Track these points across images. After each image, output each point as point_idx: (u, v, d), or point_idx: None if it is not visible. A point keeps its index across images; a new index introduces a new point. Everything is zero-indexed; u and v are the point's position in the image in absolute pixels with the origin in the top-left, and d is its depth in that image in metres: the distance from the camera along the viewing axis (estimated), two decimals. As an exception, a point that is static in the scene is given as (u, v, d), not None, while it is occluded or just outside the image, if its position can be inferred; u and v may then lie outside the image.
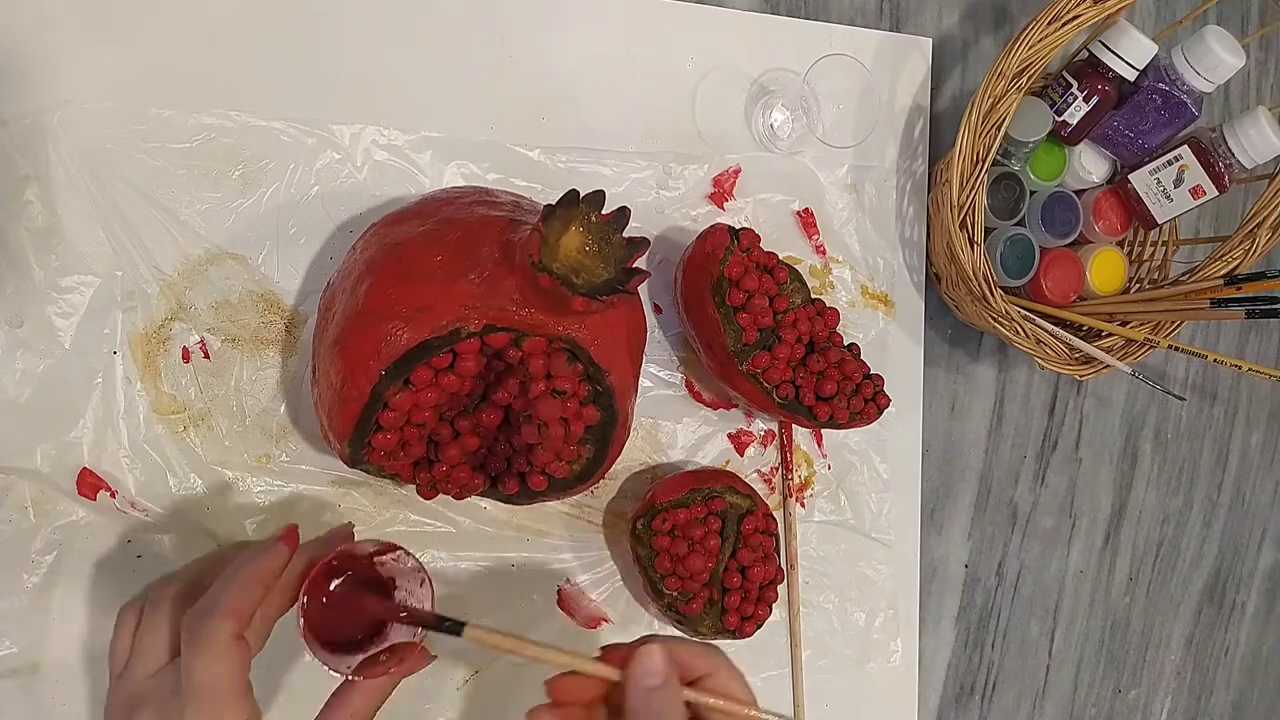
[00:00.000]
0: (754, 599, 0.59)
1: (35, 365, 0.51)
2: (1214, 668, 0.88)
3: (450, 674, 0.58)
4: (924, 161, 0.70)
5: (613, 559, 0.62)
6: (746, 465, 0.65)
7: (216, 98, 0.54)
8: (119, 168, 0.52)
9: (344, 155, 0.56)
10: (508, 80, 0.60)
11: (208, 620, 0.39)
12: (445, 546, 0.58)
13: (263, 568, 0.42)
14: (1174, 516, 0.84)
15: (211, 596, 0.41)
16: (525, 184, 0.60)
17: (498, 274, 0.47)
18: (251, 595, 0.41)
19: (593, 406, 0.50)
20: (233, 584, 0.41)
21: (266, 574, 0.42)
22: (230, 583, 0.41)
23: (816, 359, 0.59)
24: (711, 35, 0.64)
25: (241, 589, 0.41)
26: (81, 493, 0.51)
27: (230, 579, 0.41)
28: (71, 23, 0.52)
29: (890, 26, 0.70)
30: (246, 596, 0.40)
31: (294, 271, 0.56)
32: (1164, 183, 0.66)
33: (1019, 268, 0.67)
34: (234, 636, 0.39)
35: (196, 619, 0.39)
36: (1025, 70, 0.58)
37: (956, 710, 0.76)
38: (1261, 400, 0.87)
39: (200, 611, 0.40)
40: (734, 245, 0.56)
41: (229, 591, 0.40)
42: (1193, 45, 0.61)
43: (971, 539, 0.75)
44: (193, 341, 0.54)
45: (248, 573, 0.41)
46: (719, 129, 0.65)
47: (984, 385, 0.75)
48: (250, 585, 0.41)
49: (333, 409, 0.47)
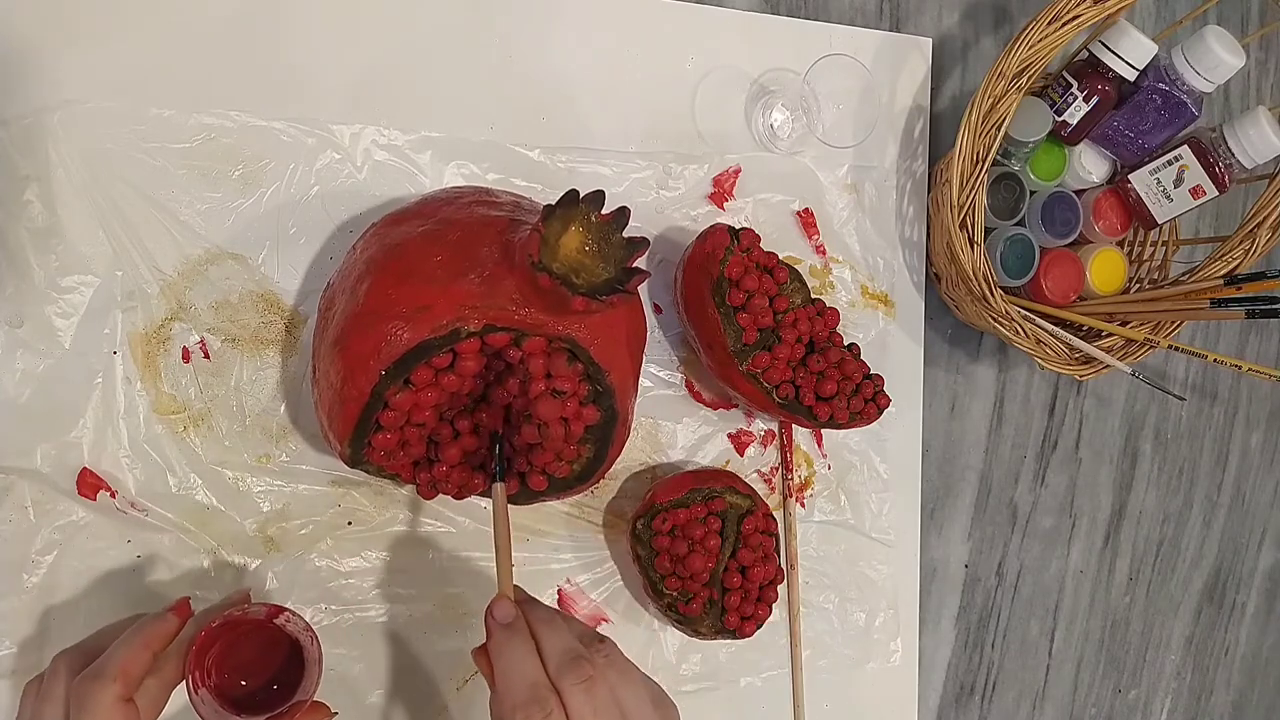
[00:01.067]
0: (754, 599, 0.59)
1: (35, 365, 0.51)
2: (1214, 668, 0.88)
3: (450, 674, 0.58)
4: (924, 161, 0.70)
5: (613, 559, 0.62)
6: (746, 465, 0.65)
7: (216, 98, 0.54)
8: (119, 168, 0.52)
9: (344, 155, 0.56)
10: (508, 80, 0.60)
11: (93, 684, 0.40)
12: (445, 546, 0.58)
13: (151, 633, 0.43)
14: (1174, 516, 0.84)
15: (99, 663, 0.41)
16: (525, 184, 0.60)
17: (498, 274, 0.47)
18: (139, 658, 0.42)
19: (593, 406, 0.50)
20: (120, 648, 0.42)
21: (155, 639, 0.43)
22: (118, 648, 0.42)
23: (816, 359, 0.59)
24: (711, 35, 0.64)
25: (127, 652, 0.41)
26: (81, 493, 0.51)
27: (119, 645, 0.42)
28: (71, 23, 0.52)
29: (890, 26, 0.70)
30: (133, 659, 0.41)
31: (294, 271, 0.56)
32: (1164, 183, 0.66)
33: (1019, 268, 0.67)
34: (120, 699, 0.40)
35: (84, 683, 0.40)
36: (1025, 70, 0.58)
37: (956, 710, 0.76)
38: (1261, 400, 0.87)
39: (87, 677, 0.40)
40: (734, 245, 0.56)
41: (116, 655, 0.41)
42: (1193, 45, 0.61)
43: (971, 539, 0.75)
44: (193, 341, 0.54)
45: (136, 638, 0.42)
46: (719, 129, 0.65)
47: (984, 385, 0.75)
48: (138, 649, 0.42)
49: (333, 409, 0.47)
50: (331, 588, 0.56)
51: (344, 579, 0.56)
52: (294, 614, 0.47)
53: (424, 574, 0.57)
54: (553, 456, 0.50)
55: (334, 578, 0.56)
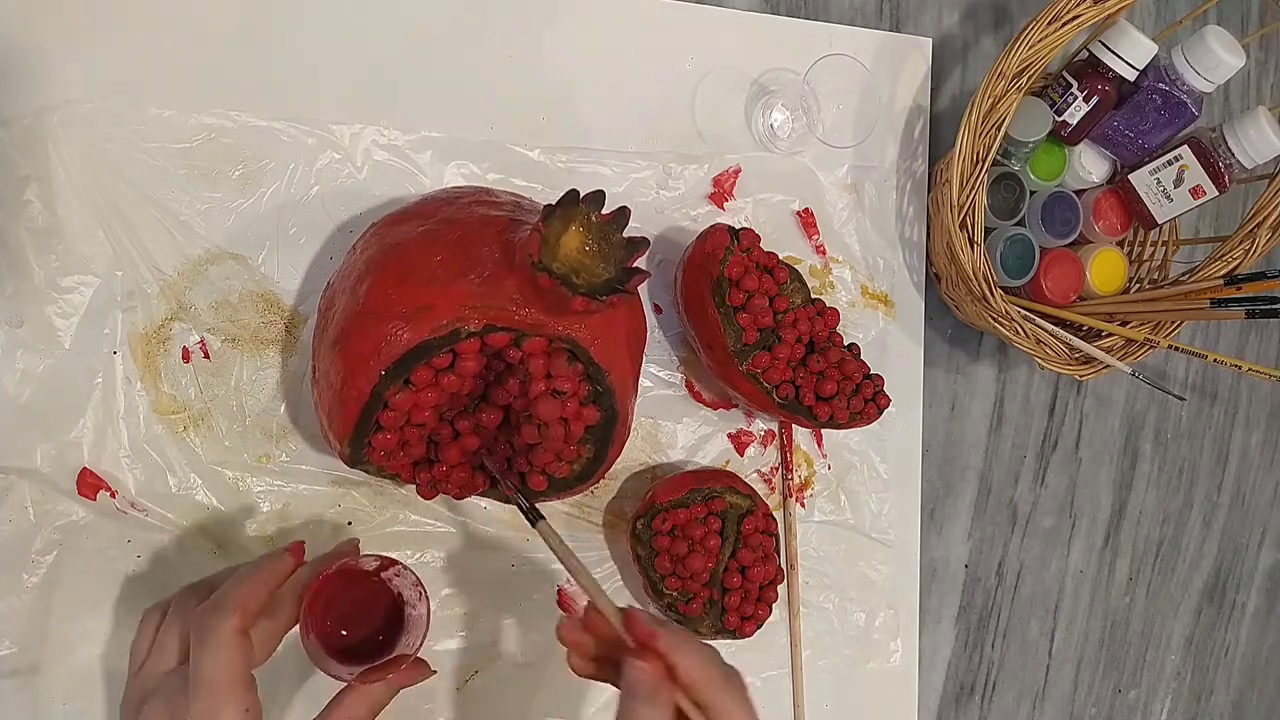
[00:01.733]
0: (754, 599, 0.59)
1: (35, 365, 0.51)
2: (1214, 668, 0.88)
3: (450, 674, 0.58)
4: (924, 161, 0.70)
5: (613, 559, 0.62)
6: (746, 465, 0.65)
7: (216, 98, 0.54)
8: (119, 168, 0.52)
9: (344, 155, 0.56)
10: (508, 80, 0.60)
11: (213, 615, 0.41)
12: (445, 546, 0.58)
13: (267, 571, 0.44)
14: (1174, 516, 0.84)
15: (218, 595, 0.43)
16: (525, 184, 0.60)
17: (498, 274, 0.47)
18: (255, 593, 0.43)
19: (593, 406, 0.50)
20: (238, 584, 0.43)
21: (271, 576, 0.44)
22: (236, 583, 0.43)
23: (816, 359, 0.59)
24: (711, 35, 0.64)
25: (246, 588, 0.43)
26: (81, 493, 0.51)
27: (237, 580, 0.44)
28: (71, 23, 0.52)
29: (890, 26, 0.70)
30: (251, 594, 0.43)
31: (294, 271, 0.56)
32: (1164, 183, 0.66)
33: (1019, 268, 0.67)
34: (237, 631, 0.41)
35: (203, 614, 0.42)
36: (1025, 70, 0.58)
37: (956, 710, 0.76)
38: (1261, 400, 0.87)
39: (207, 608, 0.42)
40: (734, 245, 0.56)
41: (234, 590, 0.43)
42: (1193, 45, 0.61)
43: (971, 539, 0.75)
44: (193, 341, 0.54)
45: (253, 575, 0.44)
46: (719, 129, 0.65)
47: (984, 385, 0.75)
48: (254, 585, 0.43)
49: (333, 409, 0.47)
50: (331, 588, 0.56)
51: (344, 579, 0.56)
52: (405, 568, 0.47)
53: (424, 574, 0.57)
54: (553, 456, 0.50)
55: (334, 578, 0.56)
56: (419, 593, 0.47)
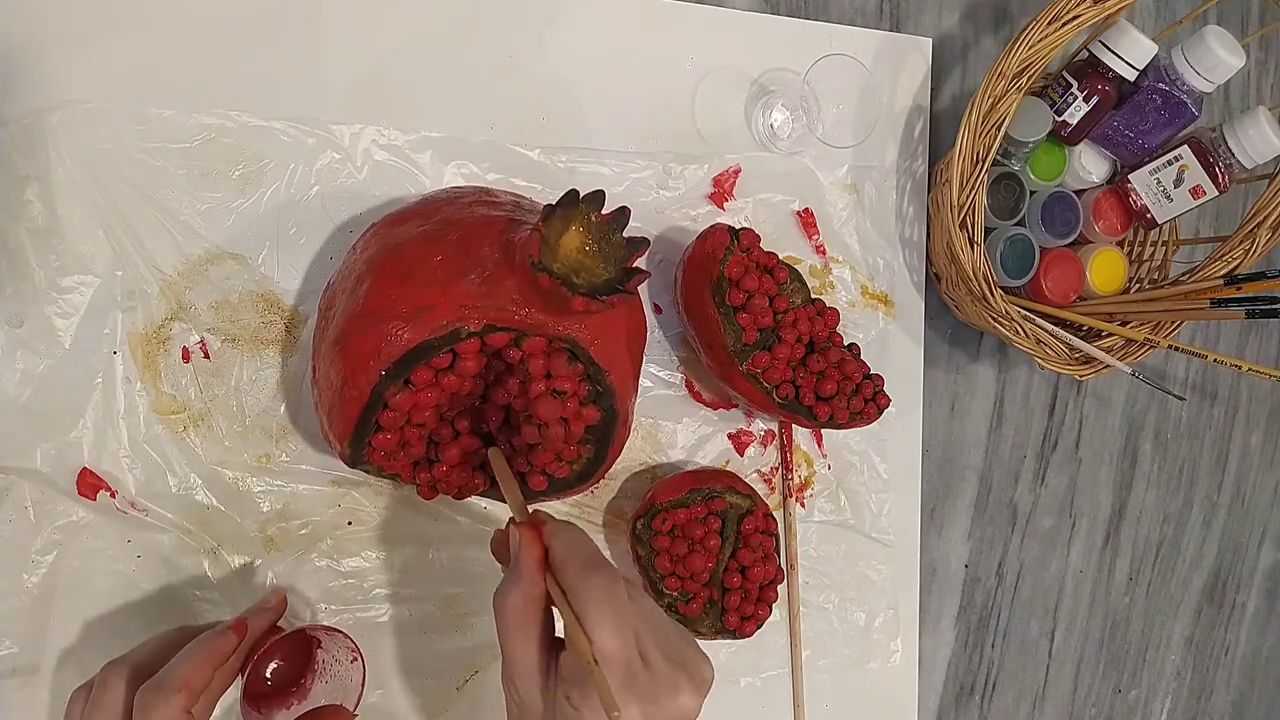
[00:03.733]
0: (754, 599, 0.59)
1: (35, 365, 0.51)
2: (1214, 668, 0.88)
3: (450, 674, 0.58)
4: (924, 161, 0.70)
5: (613, 559, 0.62)
6: (746, 465, 0.65)
7: (216, 98, 0.54)
8: (119, 168, 0.52)
9: (344, 155, 0.56)
10: (508, 80, 0.60)
11: (157, 695, 0.41)
12: (445, 546, 0.58)
13: (213, 649, 0.45)
14: (1174, 516, 0.84)
15: (165, 673, 0.43)
16: (525, 184, 0.60)
17: (498, 274, 0.47)
18: (201, 672, 0.43)
19: (593, 406, 0.50)
20: (186, 662, 0.43)
21: (218, 655, 0.45)
22: (183, 661, 0.43)
23: (816, 359, 0.59)
24: (711, 35, 0.64)
25: (194, 666, 0.43)
26: (81, 493, 0.51)
27: (184, 658, 0.44)
28: (71, 23, 0.52)
29: (890, 26, 0.70)
30: (195, 673, 0.43)
31: (294, 271, 0.55)
32: (1164, 183, 0.66)
33: (1019, 268, 0.67)
34: (184, 711, 0.41)
35: (149, 693, 0.42)
36: (1025, 70, 0.58)
37: (956, 710, 0.76)
38: (1261, 400, 0.87)
39: (153, 686, 0.42)
40: (734, 245, 0.56)
41: (182, 668, 0.43)
42: (1193, 45, 0.61)
43: (971, 539, 0.75)
44: (193, 341, 0.54)
45: (199, 653, 0.44)
46: (719, 129, 0.65)
47: (984, 385, 0.75)
48: (203, 664, 0.43)
49: (333, 409, 0.47)
50: (331, 588, 0.56)
51: (344, 579, 0.56)
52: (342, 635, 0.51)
53: (424, 574, 0.57)
54: (553, 457, 0.50)
55: (334, 578, 0.56)
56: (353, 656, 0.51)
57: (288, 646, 0.52)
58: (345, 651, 0.51)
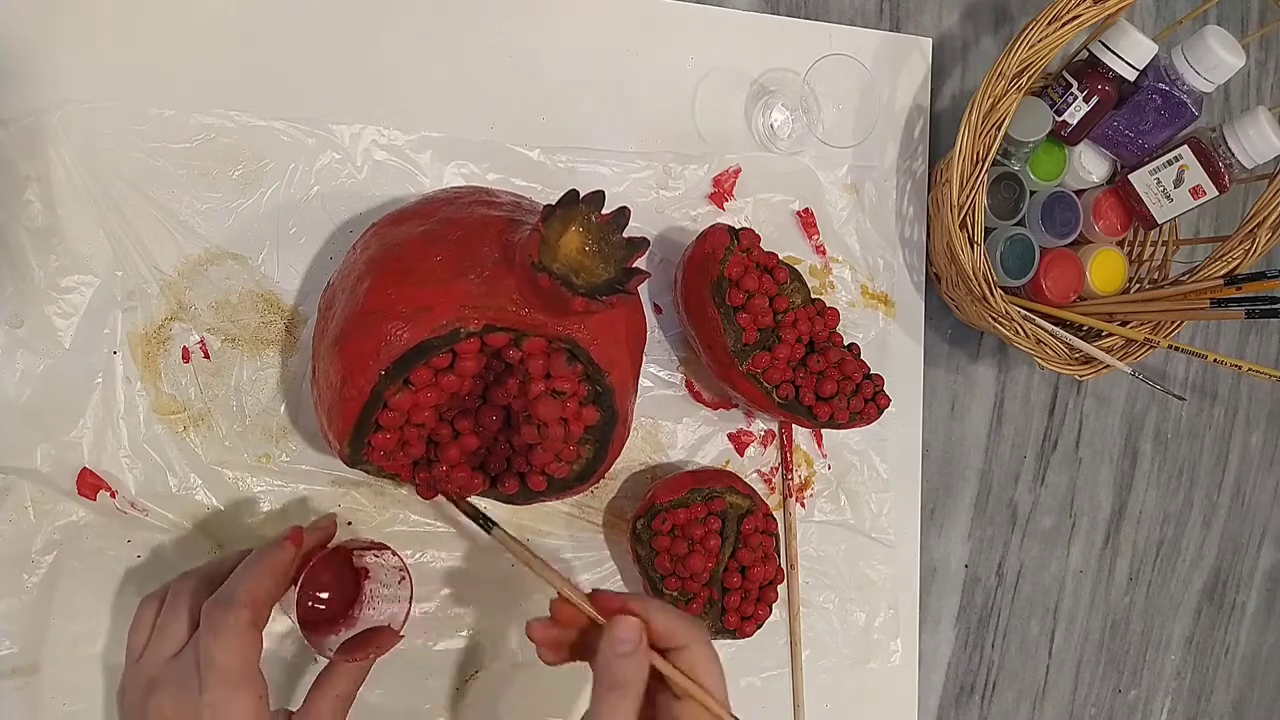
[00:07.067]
0: (754, 599, 0.59)
1: (35, 365, 0.51)
2: (1214, 668, 0.88)
3: (450, 674, 0.58)
4: (924, 161, 0.70)
5: (613, 559, 0.62)
6: (746, 465, 0.65)
7: (216, 98, 0.54)
8: (119, 168, 0.52)
9: (344, 155, 0.56)
10: (508, 80, 0.60)
11: (228, 608, 0.43)
12: (445, 546, 0.58)
13: (275, 562, 0.46)
14: (1174, 516, 0.84)
15: (230, 587, 0.45)
16: (525, 184, 0.60)
17: (497, 274, 0.47)
18: (264, 586, 0.45)
19: (592, 406, 0.50)
20: (249, 576, 0.45)
21: (278, 568, 0.46)
22: (247, 574, 0.45)
23: (816, 359, 0.59)
24: (711, 35, 0.64)
25: (257, 580, 0.45)
26: (81, 493, 0.51)
27: (244, 572, 0.45)
28: (71, 23, 0.52)
29: (890, 26, 0.70)
30: (260, 587, 0.45)
31: (294, 271, 0.56)
32: (1164, 183, 0.66)
33: (1019, 268, 0.67)
34: (250, 623, 0.43)
35: (217, 606, 0.43)
36: (1025, 70, 0.58)
37: (956, 710, 0.76)
38: (1261, 400, 0.87)
39: (220, 600, 0.44)
40: (734, 245, 0.56)
41: (246, 582, 0.44)
42: (1193, 45, 0.61)
43: (971, 539, 0.75)
44: (193, 341, 0.54)
45: (262, 566, 0.46)
46: (719, 129, 0.65)
47: (984, 385, 0.75)
48: (265, 577, 0.45)
49: (332, 409, 0.47)
50: (331, 588, 0.56)
51: (344, 579, 0.56)
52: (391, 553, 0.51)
53: (424, 574, 0.57)
54: (552, 457, 0.50)
55: (334, 578, 0.56)
56: (400, 576, 0.51)
57: (337, 570, 0.53)
58: (393, 573, 0.52)
